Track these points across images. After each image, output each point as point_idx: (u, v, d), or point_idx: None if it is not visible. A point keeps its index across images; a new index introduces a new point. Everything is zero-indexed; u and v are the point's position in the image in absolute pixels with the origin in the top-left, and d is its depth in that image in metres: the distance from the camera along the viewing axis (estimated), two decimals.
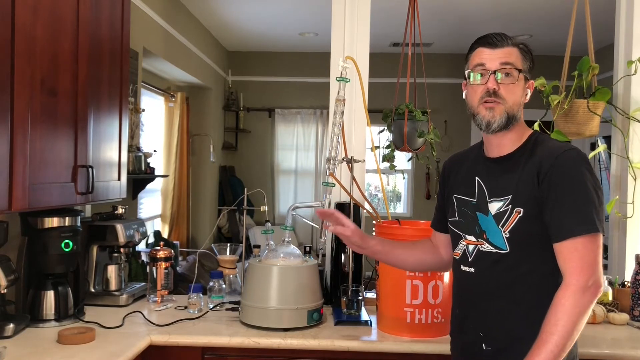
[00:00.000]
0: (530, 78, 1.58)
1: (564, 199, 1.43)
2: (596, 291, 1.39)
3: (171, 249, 2.42)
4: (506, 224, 1.51)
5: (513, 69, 1.52)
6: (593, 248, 1.41)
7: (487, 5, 4.55)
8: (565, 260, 1.42)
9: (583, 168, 1.45)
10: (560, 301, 1.38)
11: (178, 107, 5.17)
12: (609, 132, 2.65)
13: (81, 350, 1.77)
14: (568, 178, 1.44)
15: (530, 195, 1.48)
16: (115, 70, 2.31)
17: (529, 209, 1.48)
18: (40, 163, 1.77)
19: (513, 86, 1.53)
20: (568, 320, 1.36)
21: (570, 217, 1.42)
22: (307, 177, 6.90)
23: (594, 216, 1.42)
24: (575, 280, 1.39)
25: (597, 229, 1.41)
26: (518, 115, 1.55)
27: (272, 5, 4.85)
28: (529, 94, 1.58)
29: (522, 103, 1.57)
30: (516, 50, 1.55)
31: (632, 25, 2.54)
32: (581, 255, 1.40)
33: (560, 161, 1.46)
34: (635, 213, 2.48)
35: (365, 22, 2.62)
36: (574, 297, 1.37)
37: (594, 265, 1.40)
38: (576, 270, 1.40)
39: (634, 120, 2.49)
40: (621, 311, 2.23)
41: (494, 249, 1.54)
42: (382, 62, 4.90)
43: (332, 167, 2.16)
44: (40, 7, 1.76)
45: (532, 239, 1.49)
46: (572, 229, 1.41)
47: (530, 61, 1.57)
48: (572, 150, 1.48)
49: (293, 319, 2.00)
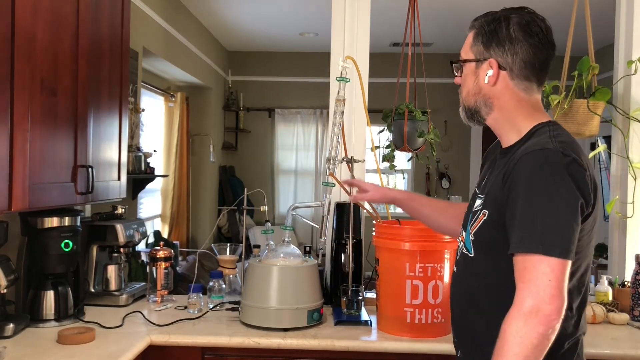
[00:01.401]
0: (485, 58, 1.36)
1: (517, 208, 1.21)
2: (546, 320, 1.14)
3: (171, 249, 2.42)
4: (473, 225, 1.37)
5: (456, 61, 1.43)
6: (548, 271, 1.15)
7: (487, 5, 4.54)
8: (516, 278, 1.20)
9: (547, 175, 1.20)
10: (504, 326, 1.18)
11: (178, 107, 5.17)
12: (609, 132, 2.65)
13: (81, 350, 1.77)
14: (524, 184, 1.22)
15: (496, 198, 1.30)
16: (115, 70, 2.30)
17: (492, 212, 1.31)
18: (40, 163, 1.77)
19: (463, 78, 1.42)
20: (512, 352, 1.14)
21: (520, 230, 1.20)
22: (307, 177, 6.89)
23: (553, 234, 1.17)
24: (520, 303, 1.16)
25: (556, 252, 1.16)
26: (479, 105, 1.39)
27: (272, 5, 4.85)
28: (488, 74, 1.36)
29: (481, 90, 1.38)
30: (471, 35, 1.40)
31: (632, 25, 2.54)
32: (530, 277, 1.16)
33: (522, 163, 1.24)
34: (635, 213, 2.48)
35: (365, 22, 2.62)
36: (515, 323, 1.15)
37: (545, 291, 1.14)
38: (521, 292, 1.17)
39: (634, 120, 2.49)
40: (621, 311, 2.23)
41: (466, 250, 1.41)
42: (382, 62, 4.89)
43: (332, 167, 2.16)
44: (40, 7, 1.76)
45: (495, 246, 1.29)
46: (521, 244, 1.19)
47: (485, 35, 1.36)
48: (545, 150, 1.23)
49: (293, 319, 2.00)
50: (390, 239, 2.01)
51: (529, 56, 1.34)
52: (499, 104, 1.38)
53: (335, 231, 2.37)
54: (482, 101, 1.39)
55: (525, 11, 1.37)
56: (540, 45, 1.34)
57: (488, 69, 1.36)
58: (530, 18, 1.35)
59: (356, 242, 2.31)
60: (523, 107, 1.37)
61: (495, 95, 1.37)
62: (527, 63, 1.34)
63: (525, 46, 1.33)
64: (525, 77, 1.35)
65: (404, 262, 1.97)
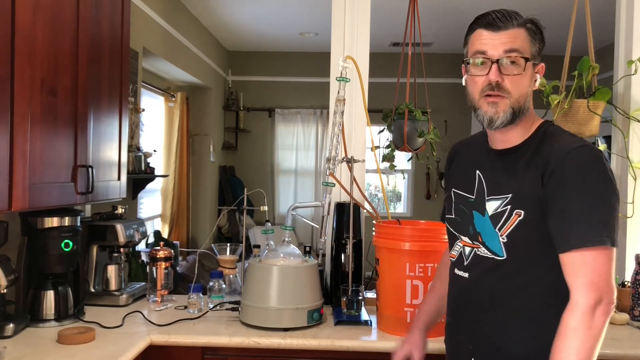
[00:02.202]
0: (540, 61, 1.37)
1: (573, 204, 1.25)
2: (608, 309, 1.22)
3: (171, 249, 2.42)
4: (504, 227, 1.34)
5: (519, 57, 1.31)
6: (604, 261, 1.23)
7: (487, 5, 4.54)
8: (571, 275, 1.25)
9: (598, 169, 1.27)
10: (569, 324, 1.21)
11: (178, 107, 5.18)
12: (609, 132, 2.65)
13: (81, 350, 1.77)
14: (579, 180, 1.26)
15: (534, 197, 1.30)
16: (115, 70, 2.31)
17: (530, 212, 1.31)
18: (40, 163, 1.77)
19: (519, 77, 1.32)
20: (582, 348, 1.19)
21: (578, 225, 1.24)
22: (307, 177, 6.90)
23: (607, 226, 1.24)
24: (584, 298, 1.21)
25: (610, 242, 1.23)
26: (526, 106, 1.36)
27: (272, 5, 4.85)
28: (538, 80, 1.37)
29: (530, 92, 1.37)
30: (523, 32, 1.33)
31: (632, 25, 2.54)
32: (590, 270, 1.22)
33: (571, 159, 1.27)
34: (635, 213, 2.48)
35: (365, 22, 2.62)
36: (584, 319, 1.20)
37: (605, 281, 1.23)
38: (584, 287, 1.22)
39: (634, 120, 2.49)
40: (621, 311, 2.23)
41: (490, 254, 1.38)
42: (382, 62, 4.90)
43: (332, 167, 2.16)
44: (40, 7, 1.76)
45: (532, 246, 1.32)
46: (580, 240, 1.23)
47: (539, 42, 1.36)
48: (585, 147, 1.28)
49: (293, 319, 2.00)
50: (390, 239, 2.01)
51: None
52: (528, 105, 1.39)
53: (335, 231, 2.37)
54: (525, 103, 1.37)
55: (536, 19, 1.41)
56: None
57: (539, 73, 1.39)
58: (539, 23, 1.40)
59: (356, 242, 2.31)
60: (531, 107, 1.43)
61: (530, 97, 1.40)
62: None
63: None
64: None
65: (404, 262, 1.97)
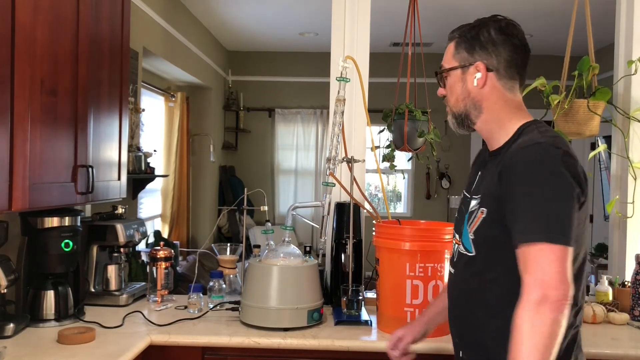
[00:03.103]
0: (471, 62, 1.42)
1: (519, 202, 1.26)
2: (557, 306, 1.18)
3: (171, 249, 2.42)
4: (472, 224, 1.41)
5: (443, 71, 1.48)
6: (551, 258, 1.20)
7: (487, 5, 4.55)
8: (521, 271, 1.24)
9: (548, 167, 1.25)
10: (515, 320, 1.21)
11: (178, 107, 5.18)
12: (609, 132, 2.65)
13: (81, 350, 1.77)
14: (526, 178, 1.26)
15: (493, 195, 1.34)
16: (115, 70, 2.31)
17: (491, 210, 1.35)
18: (40, 163, 1.77)
19: (448, 88, 1.48)
20: (530, 343, 1.17)
21: (522, 223, 1.24)
22: (307, 177, 6.89)
23: (552, 223, 1.22)
24: (527, 294, 1.20)
25: (553, 239, 1.21)
26: (469, 109, 1.44)
27: (272, 5, 4.85)
28: (477, 77, 1.41)
29: (470, 94, 1.43)
30: (452, 45, 1.47)
31: (632, 25, 2.54)
32: (535, 267, 1.20)
33: (521, 158, 1.28)
34: (635, 213, 2.48)
35: (365, 22, 2.62)
36: (528, 314, 1.18)
37: (552, 277, 1.19)
38: (528, 284, 1.21)
39: (634, 120, 2.49)
40: (621, 311, 2.23)
41: (465, 250, 1.44)
42: (382, 62, 4.90)
43: (332, 167, 2.16)
44: (40, 7, 1.76)
45: (496, 243, 1.34)
46: (523, 236, 1.24)
47: (468, 42, 1.43)
48: (539, 144, 1.28)
49: (293, 319, 2.00)
50: (390, 239, 2.01)
51: (512, 55, 1.41)
52: (488, 105, 1.43)
53: (335, 231, 2.37)
54: (472, 104, 1.45)
55: (499, 17, 1.44)
56: (519, 45, 1.42)
57: (476, 72, 1.42)
58: (506, 22, 1.43)
59: (356, 242, 2.31)
60: (510, 107, 1.43)
61: (484, 97, 1.43)
62: (511, 62, 1.41)
63: (508, 46, 1.41)
64: (510, 76, 1.42)
65: (404, 262, 1.97)
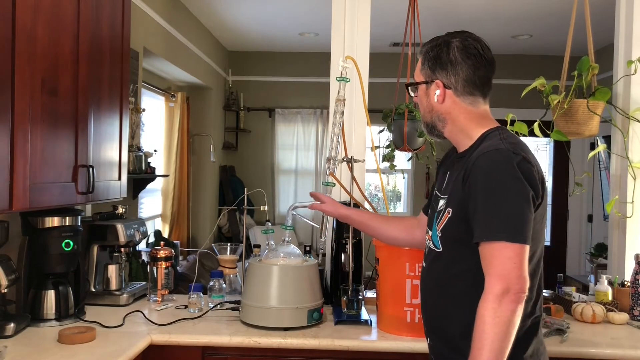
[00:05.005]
0: (433, 79, 1.56)
1: (478, 203, 1.39)
2: (516, 298, 1.32)
3: (171, 249, 2.43)
4: (439, 222, 1.53)
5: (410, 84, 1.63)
6: (509, 255, 1.33)
7: (487, 5, 4.55)
8: (484, 266, 1.38)
9: (504, 171, 1.38)
10: (479, 311, 1.34)
11: (178, 107, 5.18)
12: (608, 131, 2.66)
13: (82, 349, 1.78)
14: (484, 181, 1.39)
15: (458, 197, 1.47)
16: (116, 70, 2.31)
17: (456, 210, 1.47)
18: (40, 163, 1.78)
19: (418, 98, 1.62)
20: (491, 333, 1.30)
21: (482, 222, 1.38)
22: (307, 177, 6.89)
23: (509, 223, 1.35)
24: (490, 287, 1.34)
25: (510, 238, 1.34)
26: (434, 121, 1.58)
27: (272, 5, 4.85)
28: (437, 93, 1.55)
29: (433, 108, 1.57)
30: (420, 60, 1.60)
31: (632, 25, 2.54)
32: (496, 262, 1.34)
33: (480, 162, 1.41)
34: (635, 213, 2.49)
35: (365, 22, 2.63)
36: (491, 307, 1.32)
37: (512, 272, 1.32)
38: (491, 277, 1.34)
39: (634, 120, 2.50)
40: (621, 311, 2.23)
41: (433, 246, 1.56)
42: (382, 62, 4.90)
43: (332, 166, 2.16)
44: (40, 7, 1.76)
45: (461, 240, 1.46)
46: (482, 235, 1.37)
47: (430, 60, 1.55)
48: (497, 151, 1.41)
49: (293, 319, 2.00)
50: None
51: (469, 75, 1.53)
52: (451, 118, 1.57)
53: (335, 231, 2.38)
54: (436, 117, 1.59)
55: (464, 35, 1.55)
56: (478, 64, 1.52)
57: (436, 89, 1.56)
58: (468, 42, 1.53)
59: (356, 241, 2.31)
60: (472, 118, 1.55)
61: (445, 111, 1.56)
62: (468, 81, 1.53)
63: (465, 67, 1.52)
64: (469, 93, 1.54)
65: (404, 262, 1.97)
